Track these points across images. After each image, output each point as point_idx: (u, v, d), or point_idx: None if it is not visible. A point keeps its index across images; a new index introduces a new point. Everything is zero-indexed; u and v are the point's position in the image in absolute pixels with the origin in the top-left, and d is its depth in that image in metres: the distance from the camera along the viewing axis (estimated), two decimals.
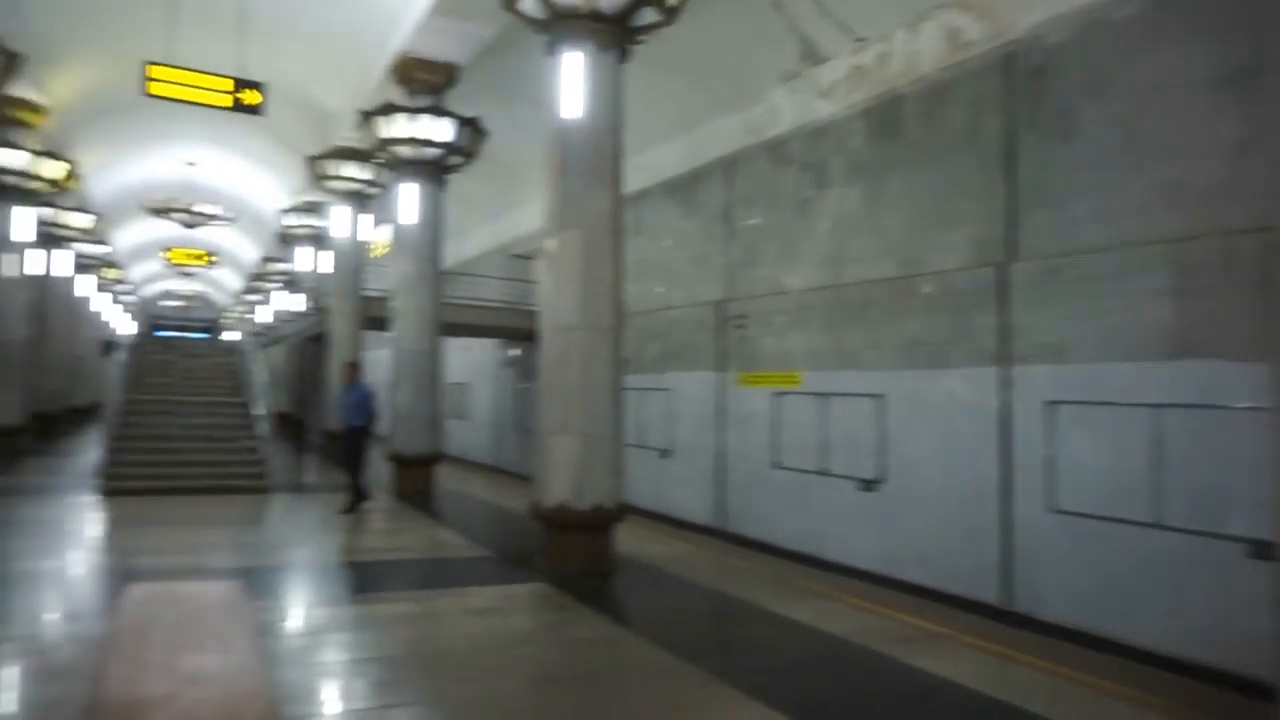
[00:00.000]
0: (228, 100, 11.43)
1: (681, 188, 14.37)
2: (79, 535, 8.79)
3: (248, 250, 33.74)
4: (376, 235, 16.81)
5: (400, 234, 12.65)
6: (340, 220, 17.25)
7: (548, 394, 7.57)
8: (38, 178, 14.89)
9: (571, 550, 7.32)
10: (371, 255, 17.10)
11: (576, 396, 7.35)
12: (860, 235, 10.67)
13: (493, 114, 12.45)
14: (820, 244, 11.29)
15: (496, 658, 5.18)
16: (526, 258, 21.45)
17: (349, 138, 15.65)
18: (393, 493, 11.89)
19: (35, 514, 9.51)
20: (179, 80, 11.02)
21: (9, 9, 11.12)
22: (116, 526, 9.13)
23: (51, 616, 5.77)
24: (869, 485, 10.16)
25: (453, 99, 12.19)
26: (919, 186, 9.88)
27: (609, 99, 7.63)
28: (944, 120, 9.59)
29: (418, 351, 12.32)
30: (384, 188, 16.87)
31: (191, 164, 23.34)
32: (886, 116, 10.30)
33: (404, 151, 12.05)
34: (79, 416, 25.10)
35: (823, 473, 10.87)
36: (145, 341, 16.58)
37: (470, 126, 11.97)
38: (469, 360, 23.68)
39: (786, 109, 11.86)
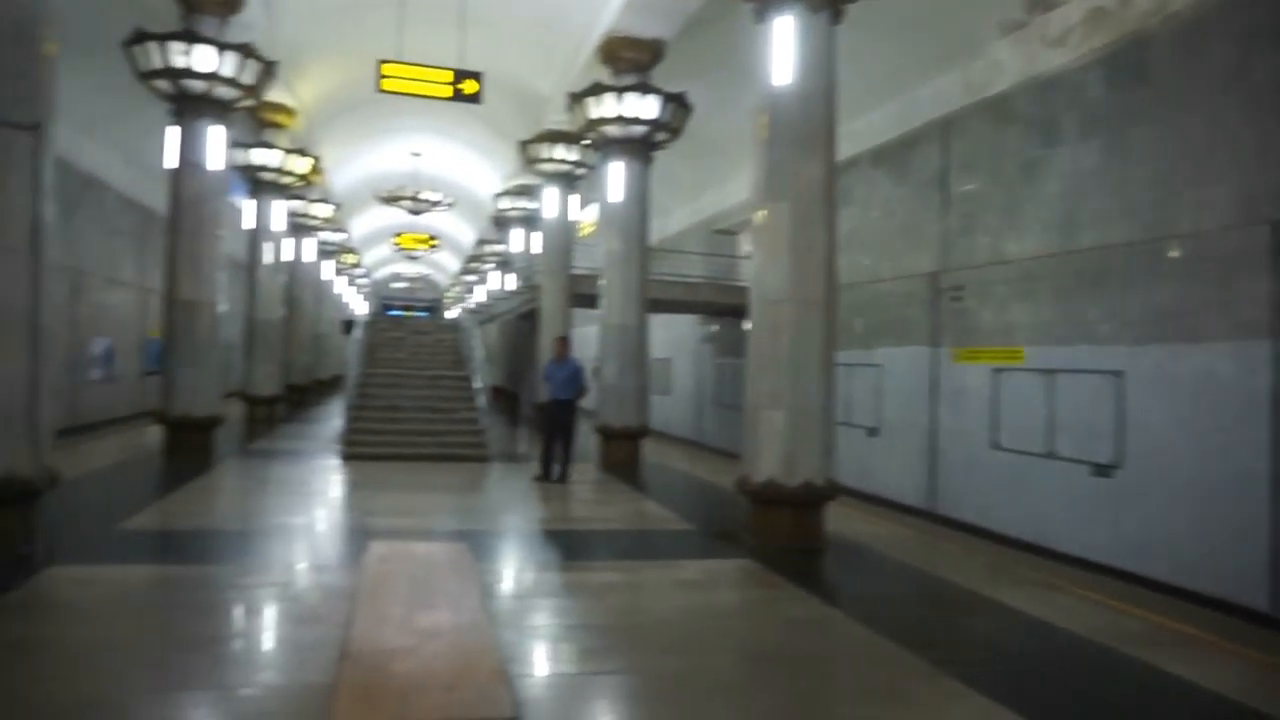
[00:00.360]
0: (448, 91, 12.09)
1: (891, 155, 13.71)
2: (323, 495, 9.65)
3: (465, 233, 35.92)
4: (585, 215, 17.28)
5: (608, 212, 12.92)
6: (550, 201, 17.88)
7: (757, 368, 7.45)
8: (289, 173, 16.49)
9: (779, 527, 7.19)
10: (580, 234, 17.59)
11: (786, 371, 7.19)
12: (1096, 196, 9.71)
13: (695, 89, 12.38)
14: (1048, 207, 10.39)
15: (704, 632, 5.16)
16: (728, 233, 21.37)
17: (558, 121, 16.14)
18: (599, 465, 12.24)
19: (287, 474, 10.58)
20: (406, 75, 11.77)
21: (264, 21, 12.28)
22: (355, 488, 9.96)
23: (302, 566, 6.33)
24: (1103, 470, 9.29)
25: (657, 75, 12.26)
26: (1169, 138, 8.83)
27: (821, 63, 7.33)
28: (1204, 61, 8.49)
29: (625, 326, 12.57)
30: (592, 168, 17.31)
31: (416, 154, 25.06)
32: (1130, 61, 9.27)
33: (611, 131, 12.26)
34: (323, 388, 27.82)
35: (1048, 455, 10.07)
36: (377, 320, 18.03)
37: (675, 102, 11.98)
38: (670, 336, 23.94)
39: (1010, 63, 10.98)
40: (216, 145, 11.49)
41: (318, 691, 3.68)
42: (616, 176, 12.67)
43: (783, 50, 7.23)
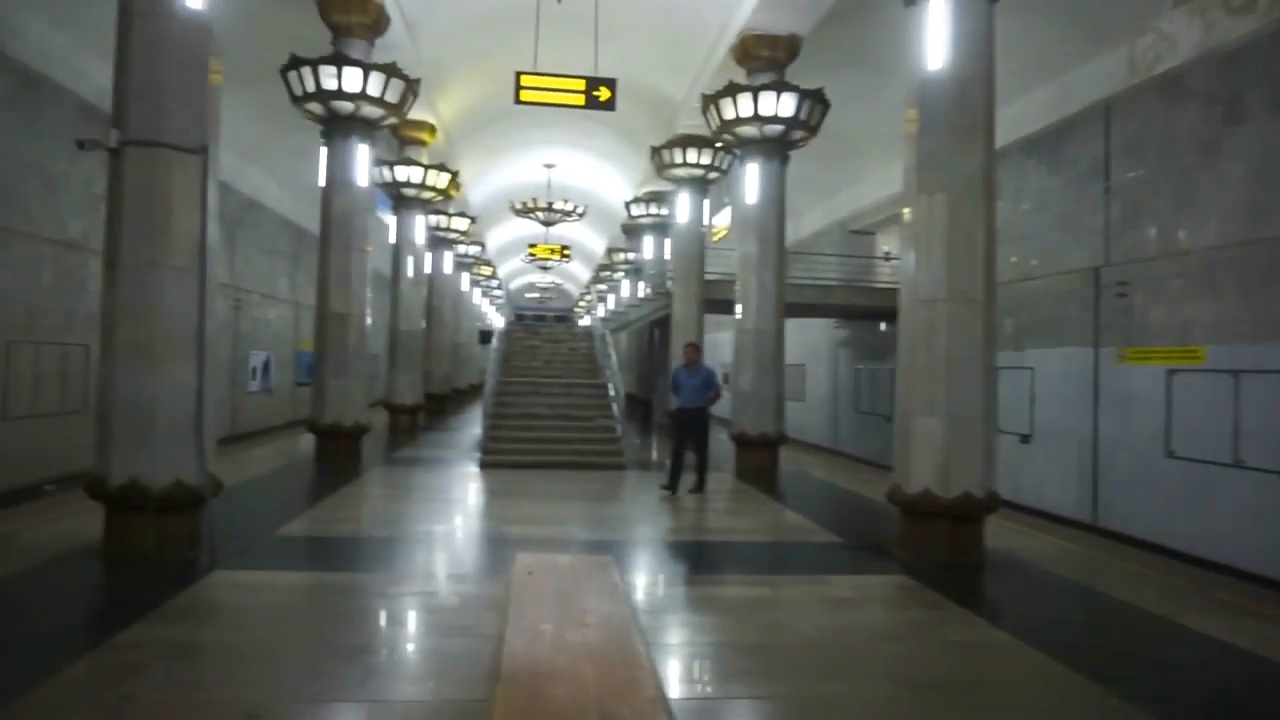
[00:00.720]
0: (582, 99, 12.13)
1: (1044, 143, 12.87)
2: (464, 503, 9.80)
3: (596, 243, 36.38)
4: (718, 219, 17.10)
5: (743, 214, 12.67)
6: (682, 207, 17.77)
7: (908, 372, 7.04)
8: (430, 188, 17.02)
9: (934, 541, 6.75)
10: (713, 239, 17.41)
11: (942, 375, 6.75)
12: None
13: (830, 85, 11.97)
14: (1233, 191, 9.44)
15: (860, 654, 4.83)
16: (865, 233, 20.68)
17: (691, 125, 16.03)
18: (735, 473, 11.99)
19: (429, 482, 10.84)
20: (543, 85, 11.88)
21: (407, 41, 12.71)
22: (493, 496, 10.07)
23: (447, 575, 6.35)
24: None
25: (792, 73, 11.94)
26: None
27: (978, 44, 6.86)
28: None
29: (761, 331, 12.28)
30: (724, 172, 17.11)
31: (550, 166, 25.53)
32: None
33: (747, 131, 12.02)
34: (461, 397, 28.68)
35: (1234, 465, 9.12)
36: (513, 330, 18.39)
37: (813, 99, 11.61)
38: (803, 340, 23.40)
39: (1184, 35, 10.07)
40: (363, 163, 11.95)
41: (468, 709, 3.62)
42: (752, 178, 12.41)
43: (936, 33, 6.80)
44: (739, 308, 12.64)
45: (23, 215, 11.30)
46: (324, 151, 11.92)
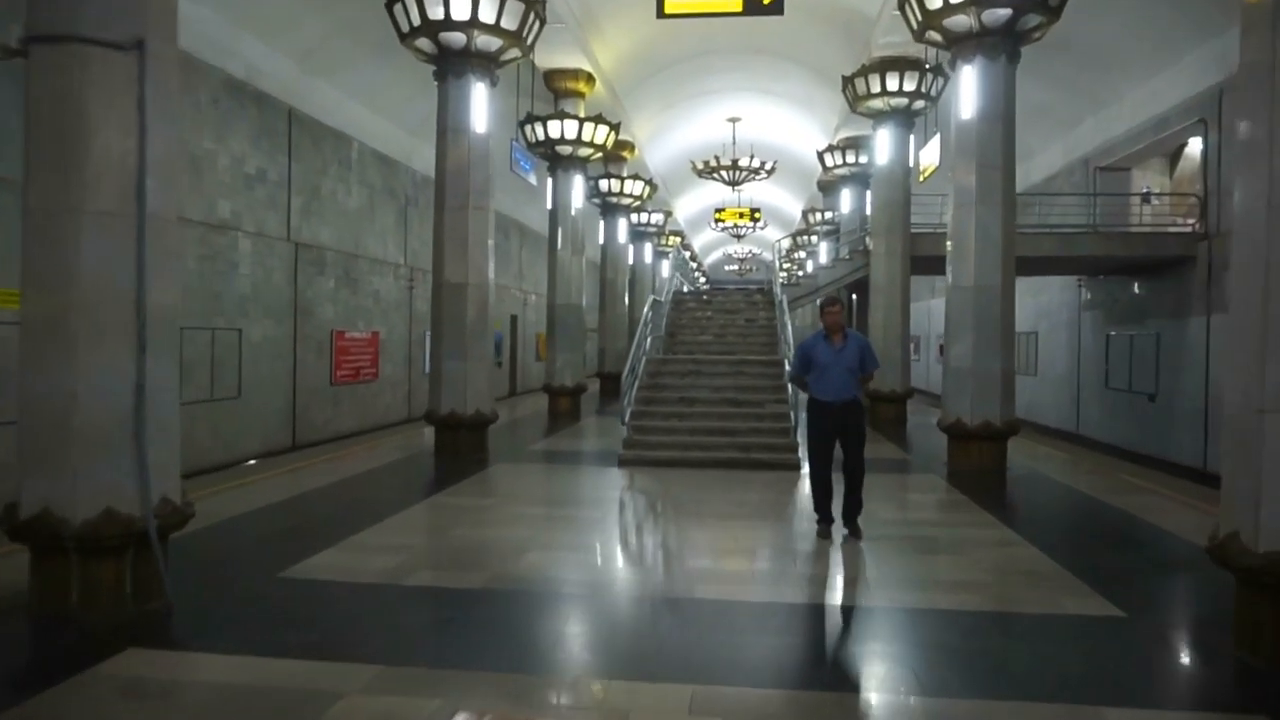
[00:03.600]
0: (738, 3, 9.76)
1: None
2: (597, 525, 7.25)
3: (793, 206, 33.37)
4: (925, 154, 14.01)
5: (960, 133, 9.63)
6: (883, 146, 14.80)
7: (1248, 343, 4.02)
8: (588, 144, 15.01)
9: None
10: (920, 180, 14.33)
11: None
12: None
13: None
14: None
15: None
16: (1117, 169, 16.63)
17: (889, 44, 13.19)
18: (946, 477, 9.13)
19: (557, 489, 8.83)
20: None
21: None
22: (636, 516, 7.81)
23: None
24: None
25: None
26: None
27: None
28: None
29: (983, 289, 9.28)
30: (933, 100, 13.97)
31: (733, 120, 22.99)
32: None
33: (958, 24, 9.07)
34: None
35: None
36: (683, 298, 16.06)
37: None
38: (1035, 303, 19.63)
39: None
40: (480, 105, 10.09)
41: None
42: (969, 85, 9.37)
43: None
44: (951, 258, 9.69)
45: None
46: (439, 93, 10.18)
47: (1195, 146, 14.37)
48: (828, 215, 24.82)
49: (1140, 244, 14.63)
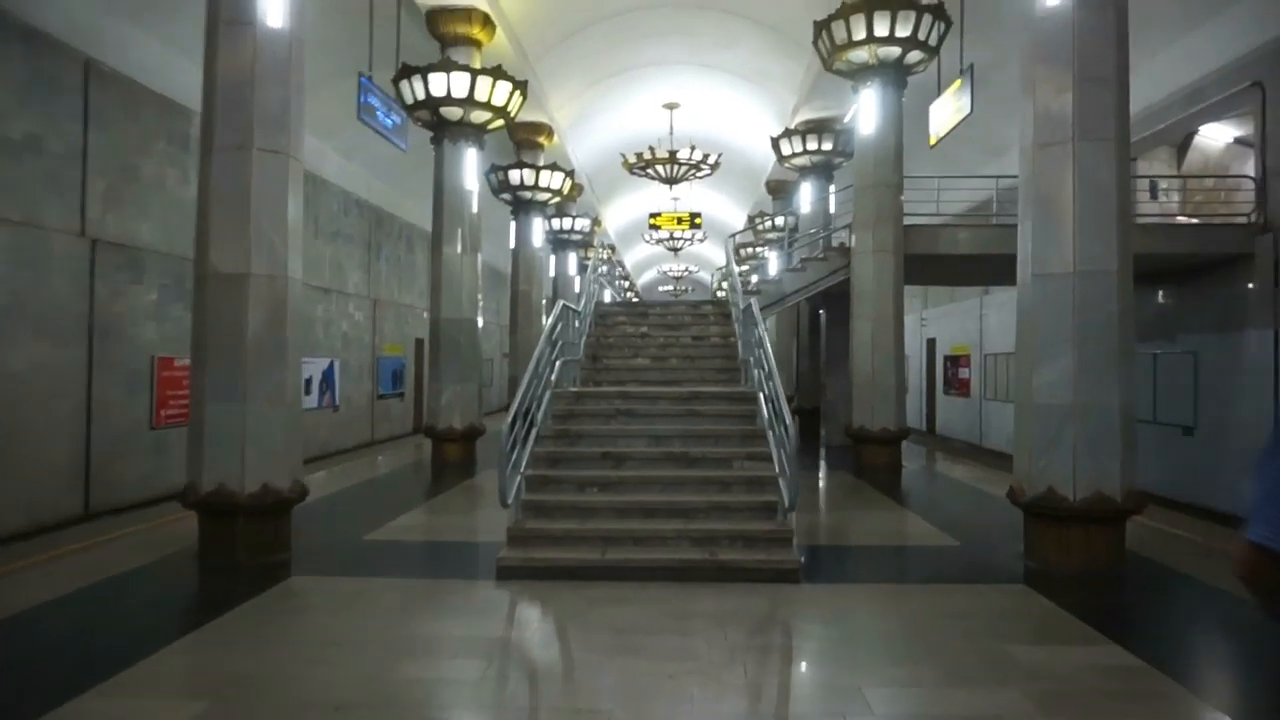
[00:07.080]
0: None
1: None
2: None
3: (735, 215, 29.99)
4: (937, 112, 10.68)
5: (1040, 32, 6.04)
6: (868, 112, 11.35)
7: None
8: (484, 105, 11.19)
9: None
10: (931, 145, 10.97)
11: None
12: None
13: None
14: None
15: None
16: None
17: None
18: (1046, 590, 5.49)
19: (354, 657, 4.83)
20: None
21: None
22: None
23: None
24: None
25: None
26: None
27: None
28: None
29: (1089, 276, 5.73)
30: (931, 52, 10.68)
31: (671, 105, 19.46)
32: None
33: None
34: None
35: None
36: (610, 310, 12.02)
37: None
38: (1012, 318, 16.36)
39: None
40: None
41: None
42: None
43: None
44: (1031, 233, 6.13)
45: None
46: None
47: (1209, 134, 11.42)
48: (778, 222, 21.33)
49: (1185, 239, 11.50)
